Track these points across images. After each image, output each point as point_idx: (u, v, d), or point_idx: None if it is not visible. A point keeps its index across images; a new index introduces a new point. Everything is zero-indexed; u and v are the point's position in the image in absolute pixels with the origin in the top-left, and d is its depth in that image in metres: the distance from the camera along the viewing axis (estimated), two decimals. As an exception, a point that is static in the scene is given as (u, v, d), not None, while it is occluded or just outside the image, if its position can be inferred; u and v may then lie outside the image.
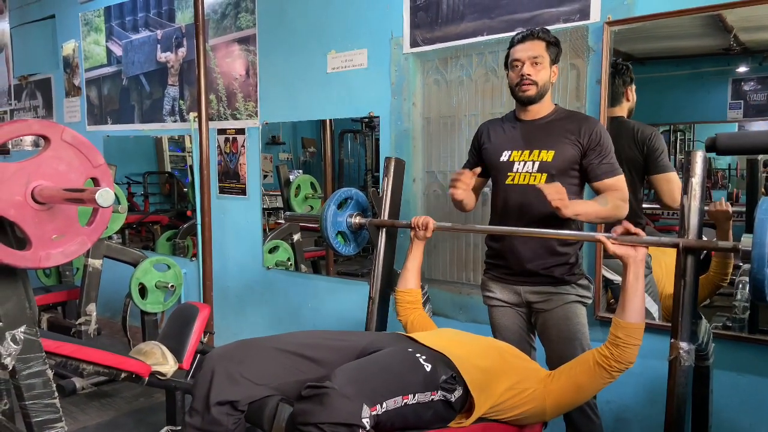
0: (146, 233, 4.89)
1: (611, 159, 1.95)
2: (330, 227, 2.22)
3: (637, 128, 2.29)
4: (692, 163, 1.51)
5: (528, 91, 1.95)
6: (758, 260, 1.34)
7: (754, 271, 1.35)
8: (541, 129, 2.00)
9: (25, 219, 1.38)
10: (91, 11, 4.58)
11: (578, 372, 1.65)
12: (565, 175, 1.95)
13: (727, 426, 2.11)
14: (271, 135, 3.71)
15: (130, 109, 4.39)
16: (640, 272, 1.62)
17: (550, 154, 1.95)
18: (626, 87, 2.33)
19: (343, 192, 2.31)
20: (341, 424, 1.27)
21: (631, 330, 1.58)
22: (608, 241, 1.63)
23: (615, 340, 1.59)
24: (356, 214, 2.30)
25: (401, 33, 2.86)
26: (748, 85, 2.28)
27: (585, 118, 2.01)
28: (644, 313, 1.63)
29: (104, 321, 4.11)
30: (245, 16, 3.54)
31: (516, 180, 2.00)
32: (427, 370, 1.49)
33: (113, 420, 2.91)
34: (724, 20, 2.18)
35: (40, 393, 1.55)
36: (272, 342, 1.63)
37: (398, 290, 2.11)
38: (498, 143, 2.07)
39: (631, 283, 1.61)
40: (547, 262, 1.97)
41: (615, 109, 2.33)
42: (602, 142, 1.94)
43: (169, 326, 2.58)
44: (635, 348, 1.59)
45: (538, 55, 1.93)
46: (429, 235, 2.08)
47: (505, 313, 2.09)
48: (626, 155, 2.25)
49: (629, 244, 1.61)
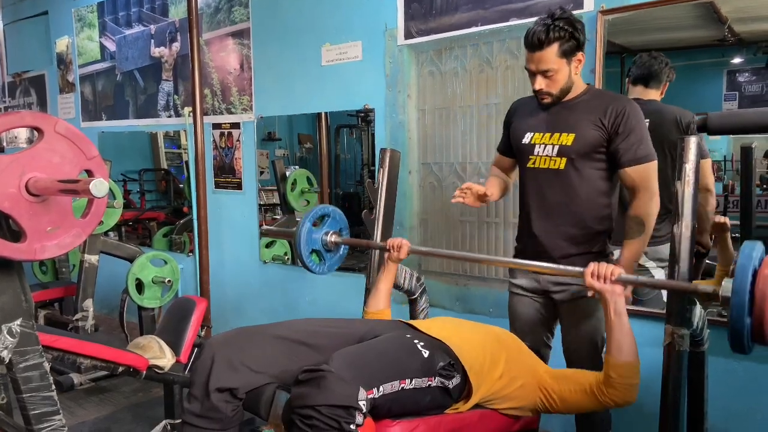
0: (143, 230, 4.88)
1: (640, 144, 1.77)
2: (304, 245, 2.14)
3: (678, 112, 2.18)
4: (685, 149, 1.51)
5: (545, 100, 1.86)
6: (737, 308, 1.29)
7: (733, 319, 1.31)
8: (567, 110, 1.87)
9: (20, 211, 1.37)
10: (84, 7, 4.56)
11: (570, 392, 1.65)
12: (588, 160, 1.83)
13: (723, 412, 2.12)
14: (267, 131, 3.71)
15: (124, 105, 4.38)
16: (620, 309, 1.57)
17: (570, 138, 1.82)
18: (666, 81, 2.23)
19: (320, 209, 2.23)
20: (338, 407, 1.27)
21: (623, 369, 1.55)
22: (587, 275, 1.59)
23: (609, 381, 1.57)
24: (333, 232, 2.22)
25: (395, 24, 2.86)
26: (743, 76, 2.28)
27: (613, 98, 1.85)
28: (635, 351, 1.58)
29: (101, 317, 4.10)
30: (239, 9, 3.52)
31: (537, 164, 1.90)
32: (424, 356, 1.50)
33: (111, 415, 2.91)
34: (718, 11, 2.18)
35: (38, 386, 1.55)
36: (271, 330, 1.63)
37: (368, 311, 2.03)
38: (523, 124, 1.96)
39: (613, 321, 1.57)
40: (568, 251, 1.89)
41: (651, 92, 2.23)
42: (629, 123, 1.77)
43: (167, 320, 2.58)
44: (633, 388, 1.56)
45: (548, 69, 1.78)
46: (402, 257, 2.00)
47: (524, 301, 2.03)
48: (669, 140, 2.10)
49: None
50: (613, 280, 1.56)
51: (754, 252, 1.33)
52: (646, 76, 2.22)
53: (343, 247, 2.28)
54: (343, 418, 1.26)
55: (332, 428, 1.26)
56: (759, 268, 1.31)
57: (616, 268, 1.58)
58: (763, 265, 1.30)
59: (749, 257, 1.31)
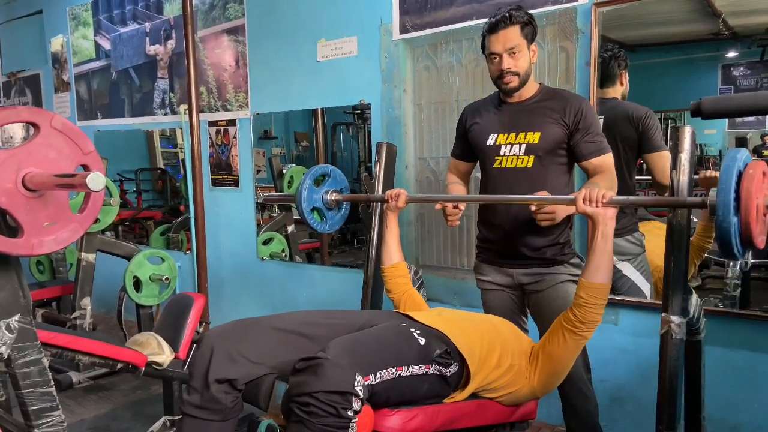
0: (140, 230, 4.88)
1: (598, 137, 1.92)
2: (305, 202, 2.17)
3: (631, 108, 2.30)
4: (680, 139, 1.51)
5: (511, 83, 1.93)
6: (723, 207, 1.31)
7: (719, 219, 1.31)
8: (527, 110, 1.97)
9: (17, 206, 1.37)
10: (78, 5, 4.55)
11: (551, 343, 1.65)
12: (553, 155, 1.94)
13: (720, 401, 2.14)
14: (264, 130, 3.71)
15: (120, 103, 4.37)
16: (608, 231, 1.60)
17: (536, 136, 1.93)
18: (621, 70, 2.34)
19: (320, 168, 2.26)
20: (335, 392, 1.28)
21: (594, 290, 1.57)
22: (579, 201, 1.61)
23: (578, 300, 1.59)
24: (333, 191, 2.25)
25: (390, 19, 2.86)
26: (737, 70, 2.30)
27: (569, 97, 1.97)
28: (611, 275, 1.61)
29: (99, 316, 4.10)
30: (234, 6, 3.52)
31: (504, 164, 1.98)
32: (421, 343, 1.50)
33: (111, 412, 2.91)
34: (712, 5, 2.19)
35: (36, 381, 1.55)
36: (270, 321, 1.63)
37: (385, 267, 2.06)
38: (484, 126, 2.04)
39: (598, 243, 1.59)
40: (538, 243, 1.98)
41: (608, 91, 2.35)
42: (587, 120, 1.90)
43: (165, 317, 2.58)
44: (598, 308, 1.58)
45: (514, 45, 1.88)
46: (401, 205, 2.00)
47: (498, 296, 2.10)
48: (622, 135, 2.26)
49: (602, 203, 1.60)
50: (604, 202, 1.59)
51: (738, 154, 1.35)
52: (602, 79, 2.35)
53: (345, 205, 2.29)
54: (340, 404, 1.27)
55: (330, 414, 1.26)
56: (743, 170, 1.33)
57: (607, 191, 1.61)
58: (747, 166, 1.33)
59: (734, 158, 1.33)
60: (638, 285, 2.35)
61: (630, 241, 2.34)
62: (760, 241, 1.35)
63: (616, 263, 2.32)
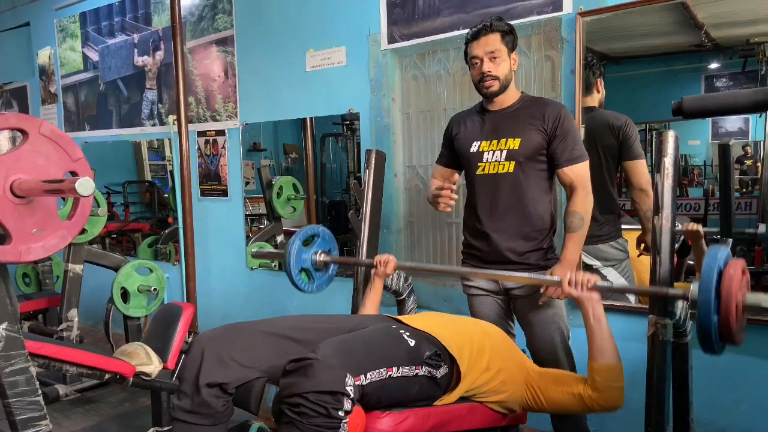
0: (127, 242, 4.85)
1: (575, 145, 1.94)
2: (294, 264, 2.18)
3: (611, 117, 2.35)
4: (664, 143, 1.54)
5: (491, 87, 1.98)
6: (704, 306, 1.34)
7: (700, 317, 1.35)
8: (508, 118, 2.01)
9: (5, 213, 1.37)
10: (66, 17, 4.55)
11: (567, 399, 1.67)
12: (533, 161, 1.97)
13: (709, 404, 2.16)
14: (252, 142, 3.71)
15: (108, 115, 4.36)
16: (599, 314, 1.64)
17: (516, 142, 1.96)
18: (596, 79, 2.40)
19: (310, 229, 2.28)
20: (325, 392, 1.28)
21: (606, 372, 1.60)
22: (564, 284, 1.66)
23: (594, 384, 1.61)
24: (321, 251, 2.26)
25: (378, 30, 2.89)
26: (720, 81, 2.33)
27: (549, 104, 2.00)
28: (617, 354, 1.63)
29: (86, 329, 4.06)
30: (222, 17, 3.54)
31: (486, 170, 2.02)
32: (411, 344, 1.51)
33: (98, 425, 2.88)
34: (695, 17, 2.23)
35: (24, 390, 1.54)
36: (260, 326, 1.63)
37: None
38: (468, 134, 2.09)
39: (593, 327, 1.64)
40: (522, 248, 1.99)
41: (587, 99, 2.40)
42: (564, 126, 1.93)
43: (153, 326, 2.56)
44: (618, 390, 1.60)
45: (495, 49, 1.94)
46: (389, 272, 2.06)
47: (484, 301, 2.11)
48: (603, 142, 2.31)
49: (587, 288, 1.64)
50: (589, 287, 1.63)
51: (719, 253, 1.38)
52: (583, 88, 2.38)
53: (333, 266, 2.31)
54: (330, 404, 1.27)
55: (320, 415, 1.26)
56: (724, 269, 1.35)
57: (592, 276, 1.65)
58: (728, 266, 1.35)
59: (714, 258, 1.36)
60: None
61: (614, 246, 2.37)
62: (739, 339, 1.38)
63: (601, 269, 2.35)
